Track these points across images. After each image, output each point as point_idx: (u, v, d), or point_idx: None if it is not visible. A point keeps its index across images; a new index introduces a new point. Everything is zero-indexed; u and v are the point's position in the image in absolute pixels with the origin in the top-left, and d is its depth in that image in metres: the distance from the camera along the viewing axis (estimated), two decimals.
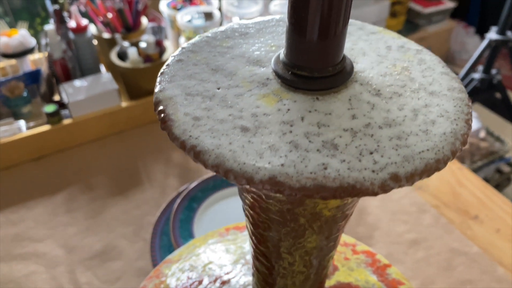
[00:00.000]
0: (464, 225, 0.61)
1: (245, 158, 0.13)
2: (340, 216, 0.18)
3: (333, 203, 0.16)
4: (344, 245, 0.37)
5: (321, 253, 0.20)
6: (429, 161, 0.13)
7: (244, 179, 0.12)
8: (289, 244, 0.19)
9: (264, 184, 0.12)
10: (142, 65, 0.74)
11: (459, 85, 0.16)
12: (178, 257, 0.36)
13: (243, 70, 0.16)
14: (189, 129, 0.14)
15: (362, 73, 0.16)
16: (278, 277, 0.22)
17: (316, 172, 0.12)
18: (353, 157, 0.13)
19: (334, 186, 0.12)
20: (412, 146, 0.13)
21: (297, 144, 0.13)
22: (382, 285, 0.33)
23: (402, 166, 0.13)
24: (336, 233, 0.19)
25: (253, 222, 0.20)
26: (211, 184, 0.58)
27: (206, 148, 0.13)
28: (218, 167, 0.13)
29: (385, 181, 0.12)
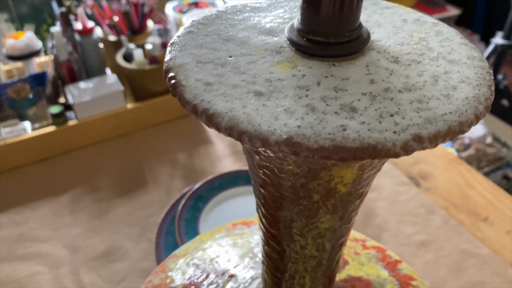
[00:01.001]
0: (474, 227, 0.60)
1: (259, 120, 0.12)
2: (354, 193, 0.17)
3: (348, 177, 0.16)
4: (354, 240, 0.36)
5: (334, 235, 0.20)
6: (453, 123, 0.12)
7: (259, 141, 0.12)
8: (301, 224, 0.19)
9: (280, 145, 0.12)
10: (148, 66, 0.74)
11: (479, 54, 0.15)
12: (185, 252, 0.35)
13: (256, 40, 0.16)
14: (201, 94, 0.13)
15: (379, 42, 0.16)
16: (289, 263, 0.21)
17: (335, 133, 0.12)
18: (373, 119, 0.12)
19: (354, 147, 0.11)
20: (434, 109, 0.13)
21: (313, 107, 0.13)
22: (394, 280, 0.32)
23: (424, 128, 0.12)
24: (350, 214, 0.19)
25: (264, 202, 0.19)
26: (216, 184, 0.58)
27: (219, 111, 0.13)
28: (232, 130, 0.12)
29: (407, 141, 0.12)
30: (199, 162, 0.71)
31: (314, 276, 0.22)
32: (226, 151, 0.73)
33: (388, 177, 0.68)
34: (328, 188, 0.16)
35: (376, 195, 0.65)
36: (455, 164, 0.70)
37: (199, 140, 0.76)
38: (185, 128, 0.78)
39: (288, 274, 0.22)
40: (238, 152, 0.73)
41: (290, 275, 0.22)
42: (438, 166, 0.69)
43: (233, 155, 0.72)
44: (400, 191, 0.65)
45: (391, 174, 0.68)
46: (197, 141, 0.75)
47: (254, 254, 0.32)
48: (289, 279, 0.22)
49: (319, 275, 0.22)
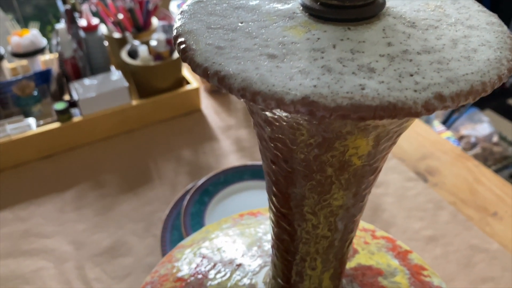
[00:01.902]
0: (483, 222, 0.59)
1: (274, 81, 0.12)
2: (369, 168, 0.17)
3: (363, 149, 0.15)
4: (363, 230, 0.35)
5: (347, 214, 0.19)
6: (475, 83, 0.12)
7: (273, 100, 0.11)
8: (313, 201, 0.18)
9: (296, 105, 0.11)
10: (153, 63, 0.74)
11: (498, 20, 0.15)
12: (191, 242, 0.35)
13: (267, 7, 0.15)
14: (212, 57, 0.13)
15: (394, 9, 0.15)
16: (300, 244, 0.21)
17: (353, 92, 0.11)
18: (392, 79, 0.12)
19: (374, 105, 0.11)
20: (455, 70, 0.12)
21: (330, 68, 0.12)
22: (405, 269, 0.31)
23: (446, 87, 0.12)
24: (363, 191, 0.18)
25: (275, 180, 0.18)
26: (222, 179, 0.57)
27: (232, 72, 0.12)
28: (245, 90, 0.12)
29: (429, 100, 0.11)
30: (204, 158, 0.71)
31: (325, 258, 0.22)
32: (231, 148, 0.73)
33: (395, 173, 0.67)
34: (342, 161, 0.16)
35: (383, 190, 0.64)
36: (462, 160, 0.69)
37: (204, 137, 0.75)
38: (190, 125, 0.78)
39: (299, 257, 0.22)
40: (243, 149, 0.72)
41: (301, 258, 0.22)
42: (445, 161, 0.69)
43: (238, 151, 0.72)
44: (407, 186, 0.65)
45: (398, 169, 0.68)
46: (202, 137, 0.75)
47: (262, 243, 0.32)
48: (300, 261, 0.22)
49: (330, 257, 0.22)
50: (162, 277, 0.32)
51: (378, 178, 0.65)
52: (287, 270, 0.23)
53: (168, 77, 0.76)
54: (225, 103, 0.83)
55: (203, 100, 0.84)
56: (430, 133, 0.74)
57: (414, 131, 0.75)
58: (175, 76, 0.77)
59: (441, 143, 0.72)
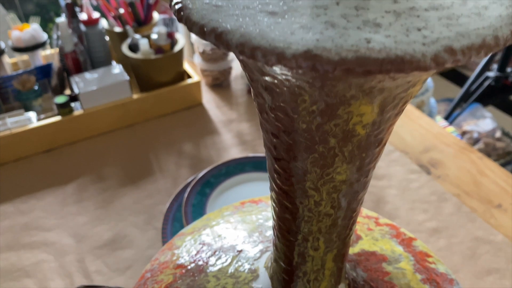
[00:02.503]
0: (487, 214, 0.59)
1: (274, 35, 0.11)
2: (373, 138, 0.16)
3: (368, 117, 0.15)
4: (367, 217, 0.34)
5: (351, 190, 0.19)
6: (487, 37, 0.11)
7: (274, 55, 0.11)
8: (316, 176, 0.18)
9: (298, 59, 0.11)
10: (154, 56, 0.73)
11: None
12: (192, 230, 0.34)
13: None
14: (209, 14, 0.13)
15: None
16: (302, 222, 0.20)
17: (358, 45, 0.11)
18: (399, 33, 0.11)
19: (380, 58, 0.10)
20: (466, 25, 0.12)
21: (333, 23, 0.12)
22: (409, 255, 0.31)
23: (456, 40, 0.11)
24: (367, 166, 0.18)
25: (276, 154, 0.18)
26: (223, 170, 0.57)
27: (229, 28, 0.12)
28: (244, 46, 0.11)
29: (438, 53, 0.11)
30: (206, 151, 0.70)
31: (328, 238, 0.21)
32: (233, 141, 0.72)
33: (398, 165, 0.66)
34: (346, 131, 0.15)
35: (386, 182, 0.64)
36: (466, 152, 0.68)
37: (205, 131, 0.75)
38: (191, 119, 0.77)
39: (301, 237, 0.21)
40: (245, 142, 0.72)
41: (303, 237, 0.21)
42: (448, 154, 0.68)
43: (240, 144, 0.71)
44: (410, 178, 0.64)
45: (401, 162, 0.67)
46: (204, 131, 0.75)
47: (263, 229, 0.31)
48: (302, 242, 0.21)
49: (333, 237, 0.21)
50: (162, 265, 0.32)
51: (381, 172, 0.64)
52: (289, 252, 0.22)
53: (169, 71, 0.76)
54: (227, 97, 0.82)
55: (205, 94, 0.83)
56: (433, 126, 0.74)
57: (417, 124, 0.74)
58: (176, 69, 0.76)
59: (444, 135, 0.71)
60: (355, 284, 0.26)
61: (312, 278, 0.23)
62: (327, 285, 0.24)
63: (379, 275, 0.28)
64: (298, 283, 0.24)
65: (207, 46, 0.80)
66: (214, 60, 0.81)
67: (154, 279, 0.31)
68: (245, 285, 0.27)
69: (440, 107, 1.56)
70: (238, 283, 0.27)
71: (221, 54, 0.81)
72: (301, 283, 0.24)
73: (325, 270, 0.23)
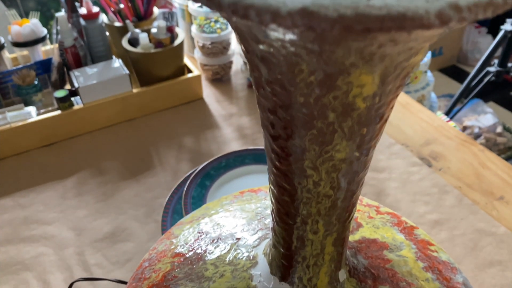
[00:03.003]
0: (489, 206, 0.58)
1: None
2: (374, 114, 0.16)
3: (368, 88, 0.14)
4: (367, 205, 0.34)
5: (351, 169, 0.18)
6: None
7: (268, 13, 0.10)
8: (314, 154, 0.17)
9: (294, 16, 0.10)
10: (153, 50, 0.73)
11: None
12: (191, 219, 0.34)
13: None
14: None
15: None
16: (301, 204, 0.20)
17: (358, 2, 0.10)
18: None
19: (381, 14, 0.10)
20: None
21: None
22: (411, 244, 0.30)
23: None
24: (368, 143, 0.17)
25: (274, 133, 0.17)
26: (223, 163, 0.56)
27: None
28: (236, 5, 0.11)
29: (443, 9, 0.10)
30: (206, 145, 0.70)
31: (328, 221, 0.21)
32: (233, 135, 0.72)
33: (399, 158, 0.66)
34: (346, 104, 0.15)
35: (387, 175, 0.63)
36: (467, 145, 0.68)
37: (206, 125, 0.74)
38: (191, 113, 0.77)
39: (300, 219, 0.21)
40: (245, 136, 0.71)
41: (302, 220, 0.21)
42: (449, 146, 0.68)
43: (240, 138, 0.71)
44: (411, 171, 0.64)
45: (402, 155, 0.67)
46: (204, 125, 0.74)
47: (262, 217, 0.31)
48: (301, 225, 0.21)
49: (333, 219, 0.21)
50: (160, 254, 0.31)
51: (382, 165, 0.64)
52: (287, 236, 0.22)
53: (169, 65, 0.75)
54: (227, 92, 0.82)
55: (205, 89, 0.83)
56: (434, 119, 0.73)
57: (418, 117, 0.74)
58: (176, 64, 0.76)
59: (445, 128, 0.71)
60: (355, 271, 0.26)
61: (311, 263, 0.23)
62: (327, 270, 0.24)
63: (380, 263, 0.28)
64: (297, 268, 0.23)
65: (207, 40, 0.79)
66: (214, 55, 0.81)
67: (152, 268, 0.31)
68: (243, 272, 0.27)
69: (440, 102, 1.55)
70: (236, 270, 0.27)
71: (221, 48, 0.80)
72: (300, 268, 0.23)
73: (325, 255, 0.23)
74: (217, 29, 0.78)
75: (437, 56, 1.95)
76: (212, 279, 0.27)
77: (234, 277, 0.26)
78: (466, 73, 1.99)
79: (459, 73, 2.00)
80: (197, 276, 0.28)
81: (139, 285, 0.30)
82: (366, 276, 0.26)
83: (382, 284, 0.26)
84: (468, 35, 2.02)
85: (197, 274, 0.28)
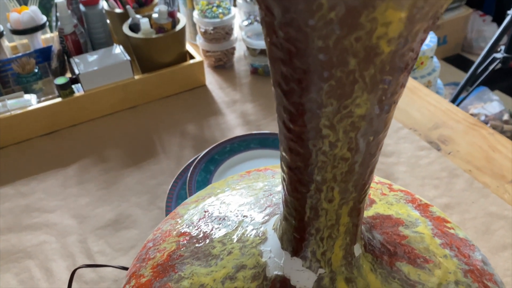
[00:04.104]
0: (500, 189, 0.57)
1: None
2: (398, 60, 0.14)
3: (394, 28, 0.13)
4: (380, 183, 0.33)
5: (370, 128, 0.17)
6: None
7: None
8: (332, 110, 0.16)
9: None
10: (155, 35, 0.72)
11: None
12: (196, 198, 0.33)
13: None
14: None
15: None
16: (315, 169, 0.18)
17: None
18: None
19: None
20: None
21: None
22: (427, 220, 0.29)
23: None
24: (390, 98, 0.16)
25: (287, 88, 0.16)
26: (228, 148, 0.55)
27: None
28: None
29: None
30: (209, 132, 0.69)
31: (344, 187, 0.19)
32: (237, 121, 0.70)
33: (407, 142, 0.65)
34: (369, 47, 0.13)
35: (395, 159, 0.62)
36: (476, 128, 0.66)
37: (209, 112, 0.73)
38: (194, 100, 0.76)
39: (314, 187, 0.19)
40: (249, 122, 0.70)
41: (316, 188, 0.19)
42: (458, 130, 0.66)
43: (244, 124, 0.70)
44: (420, 155, 0.62)
45: (410, 139, 0.65)
46: (207, 112, 0.73)
47: (270, 195, 0.30)
48: (315, 193, 0.20)
49: (349, 186, 0.19)
50: (165, 233, 0.30)
51: (390, 149, 0.62)
52: (300, 206, 0.21)
53: (170, 51, 0.74)
54: (230, 78, 0.81)
55: (207, 76, 0.82)
56: (442, 102, 0.72)
57: (426, 101, 0.72)
58: (178, 49, 0.75)
59: (453, 112, 0.69)
60: (371, 246, 0.25)
61: (326, 235, 0.22)
62: (341, 243, 0.22)
63: (396, 239, 0.27)
64: (311, 241, 0.22)
65: (209, 25, 0.78)
66: (216, 40, 0.79)
67: (156, 248, 0.29)
68: (252, 248, 0.25)
69: (445, 91, 1.54)
70: (245, 247, 0.26)
71: (223, 34, 0.79)
72: (314, 241, 0.22)
73: (340, 226, 0.21)
74: (219, 14, 0.77)
75: (442, 45, 1.92)
76: (220, 257, 0.26)
77: (242, 254, 0.25)
78: (471, 61, 1.96)
79: (463, 62, 1.97)
80: (204, 254, 0.27)
81: (143, 265, 0.29)
82: (382, 252, 0.25)
83: (399, 260, 0.25)
84: (473, 24, 1.99)
85: (204, 253, 0.27)
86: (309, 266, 0.23)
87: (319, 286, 0.23)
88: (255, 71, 0.81)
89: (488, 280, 0.27)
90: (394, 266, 0.25)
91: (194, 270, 0.26)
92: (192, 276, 0.26)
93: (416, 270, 0.25)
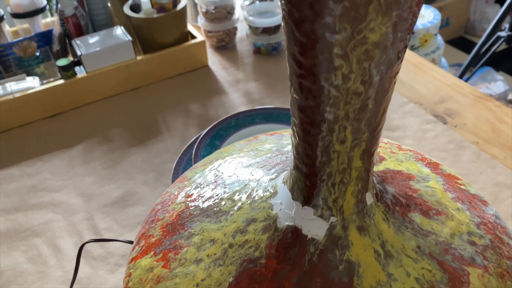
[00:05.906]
0: (508, 160, 0.56)
1: None
2: None
3: None
4: (388, 143, 0.32)
5: (384, 58, 0.16)
6: None
7: None
8: (345, 37, 0.15)
9: None
10: (156, 15, 0.71)
11: None
12: (204, 162, 0.33)
13: None
14: None
15: None
16: (327, 107, 0.18)
17: None
18: None
19: None
20: None
21: None
22: (438, 176, 0.29)
23: None
24: (404, 23, 0.15)
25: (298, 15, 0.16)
26: (232, 123, 0.55)
27: None
28: None
29: None
30: (213, 111, 0.68)
31: (357, 127, 0.19)
32: (241, 100, 0.70)
33: (413, 116, 0.64)
34: None
35: (401, 133, 0.61)
36: (483, 101, 0.66)
37: (213, 91, 0.73)
38: (197, 80, 0.75)
39: (325, 127, 0.19)
40: (253, 101, 0.70)
41: (328, 128, 0.19)
42: (464, 103, 0.66)
43: (248, 103, 0.69)
44: (426, 128, 0.62)
45: (416, 113, 0.65)
46: (211, 92, 0.73)
47: (279, 153, 0.29)
48: (327, 134, 0.19)
49: (362, 125, 0.19)
50: (173, 195, 0.30)
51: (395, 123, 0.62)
52: (311, 150, 0.21)
53: (172, 31, 0.73)
54: (233, 59, 0.80)
55: (210, 56, 0.81)
56: (447, 77, 0.71)
57: (431, 76, 0.71)
58: (179, 29, 0.74)
59: (459, 86, 0.69)
60: (383, 197, 0.25)
61: (337, 181, 0.21)
62: (353, 190, 0.22)
63: (408, 192, 0.26)
64: (322, 188, 0.22)
65: (210, 5, 0.77)
66: (218, 20, 0.78)
67: (165, 209, 0.29)
68: (262, 202, 0.25)
69: (450, 72, 1.53)
70: (255, 202, 0.25)
71: (225, 13, 0.78)
72: (325, 188, 0.22)
73: (352, 171, 0.21)
74: None
75: (445, 27, 1.91)
76: (230, 213, 0.26)
77: (252, 209, 0.25)
78: (474, 43, 1.95)
79: (466, 44, 1.96)
80: (214, 211, 0.26)
81: (152, 226, 0.29)
82: (394, 203, 0.25)
83: (411, 211, 0.25)
84: (476, 5, 1.98)
85: (213, 210, 0.27)
86: (321, 215, 0.22)
87: (331, 234, 0.22)
88: (257, 51, 0.80)
89: (501, 233, 0.27)
90: (407, 216, 0.24)
91: (204, 226, 0.26)
92: (203, 232, 0.26)
93: (429, 221, 0.25)
